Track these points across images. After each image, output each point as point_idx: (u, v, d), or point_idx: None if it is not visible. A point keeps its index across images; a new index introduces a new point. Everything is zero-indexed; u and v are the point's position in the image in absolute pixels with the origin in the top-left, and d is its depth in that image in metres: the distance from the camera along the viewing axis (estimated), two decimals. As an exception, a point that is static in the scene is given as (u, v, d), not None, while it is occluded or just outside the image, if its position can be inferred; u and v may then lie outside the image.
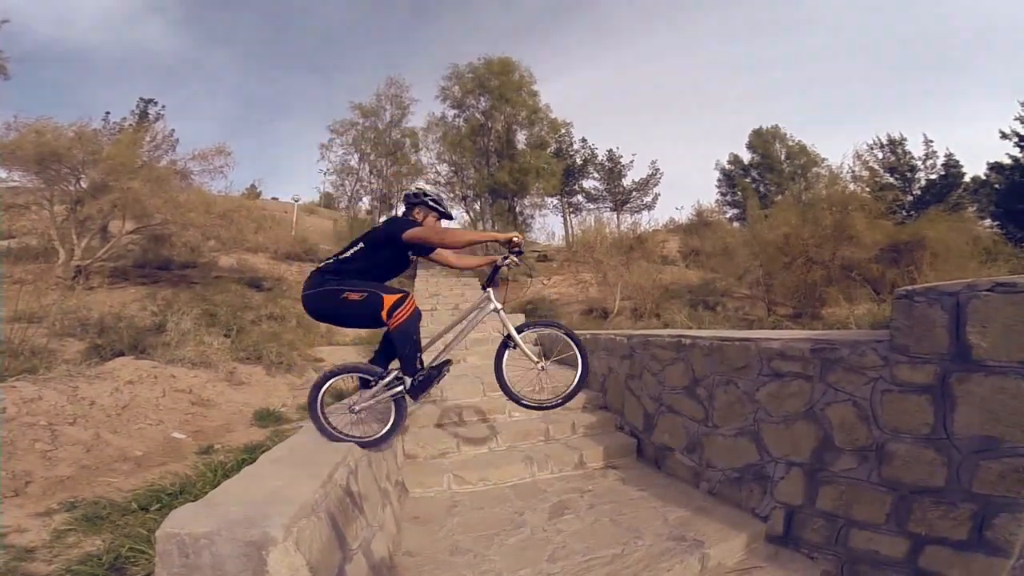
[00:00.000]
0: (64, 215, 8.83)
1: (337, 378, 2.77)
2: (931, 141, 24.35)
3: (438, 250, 3.02)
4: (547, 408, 2.97)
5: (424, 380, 2.70)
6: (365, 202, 13.85)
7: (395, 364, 2.82)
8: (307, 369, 6.51)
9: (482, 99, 13.72)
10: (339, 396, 3.65)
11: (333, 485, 1.77)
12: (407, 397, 2.74)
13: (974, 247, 9.80)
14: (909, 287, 2.22)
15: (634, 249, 11.48)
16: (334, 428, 2.61)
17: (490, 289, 2.92)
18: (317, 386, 2.68)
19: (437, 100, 14.06)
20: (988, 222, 22.97)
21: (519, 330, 2.87)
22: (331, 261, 2.81)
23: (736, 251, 10.86)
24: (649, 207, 23.56)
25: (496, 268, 2.95)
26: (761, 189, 27.49)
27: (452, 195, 13.99)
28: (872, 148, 24.54)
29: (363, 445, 2.60)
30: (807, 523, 2.50)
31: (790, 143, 27.76)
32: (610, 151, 23.51)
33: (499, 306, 2.88)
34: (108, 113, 14.40)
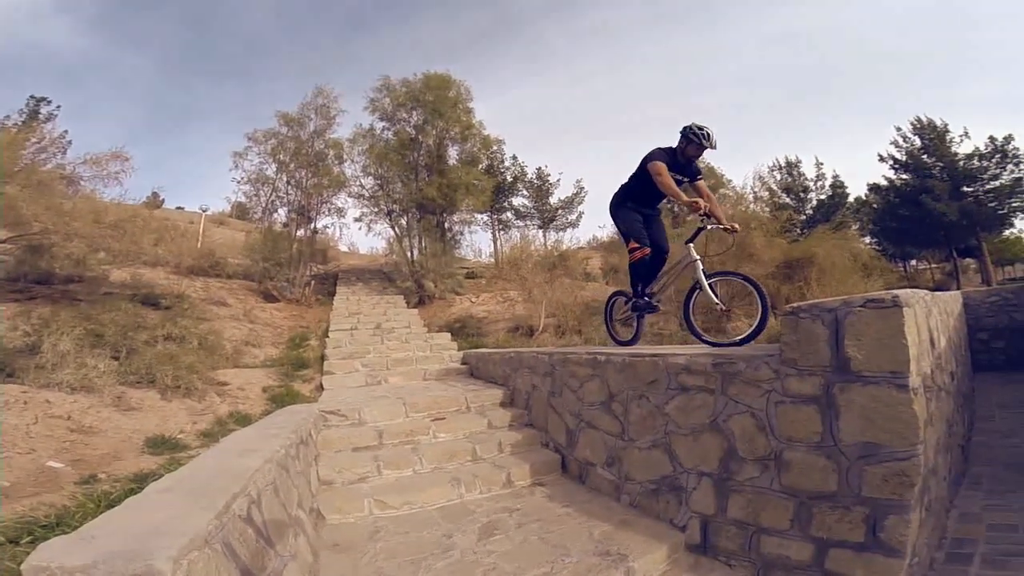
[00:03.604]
0: (-78, 222, 7.60)
1: (616, 299, 4.45)
2: (821, 163, 26.57)
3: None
4: (727, 345, 3.21)
5: (641, 303, 4.00)
6: (281, 214, 13.05)
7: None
8: (208, 393, 5.96)
9: (414, 113, 13.49)
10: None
11: (232, 516, 1.63)
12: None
13: (855, 263, 10.94)
14: (795, 304, 2.39)
15: (557, 267, 11.72)
16: (615, 334, 4.46)
17: (691, 245, 3.64)
18: (608, 303, 4.53)
19: (366, 112, 13.62)
20: (868, 239, 25.86)
21: (707, 276, 3.55)
22: (621, 188, 4.15)
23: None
24: (574, 225, 24.21)
25: (698, 230, 3.74)
26: (675, 209, 29.22)
27: (377, 209, 13.56)
28: (772, 170, 26.57)
29: (622, 344, 4.23)
30: (721, 531, 2.60)
31: (701, 164, 29.73)
32: (539, 169, 23.96)
33: (697, 258, 3.56)
34: (-12, 111, 12.47)
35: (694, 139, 3.69)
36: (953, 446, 3.62)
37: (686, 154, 3.82)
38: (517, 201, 23.54)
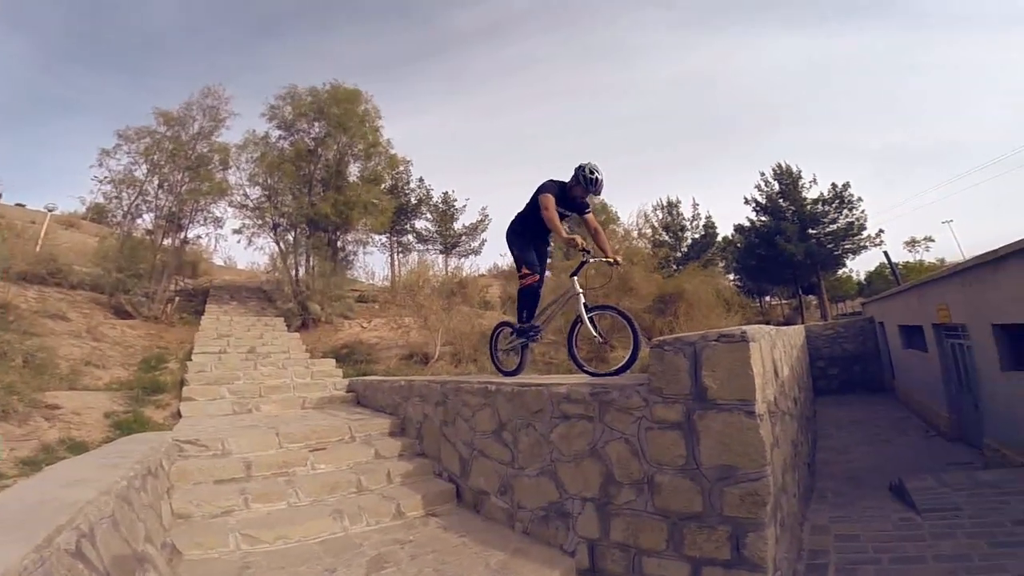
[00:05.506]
0: None
1: (501, 329, 4.43)
2: (698, 204, 29.50)
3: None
4: (605, 375, 3.34)
5: (523, 330, 4.05)
6: (147, 219, 11.54)
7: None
8: (32, 417, 5.02)
9: (316, 125, 12.74)
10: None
11: (55, 549, 1.44)
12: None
13: (718, 299, 12.25)
14: (661, 338, 2.61)
15: (456, 294, 11.66)
16: (500, 364, 4.34)
17: (575, 278, 3.77)
18: (493, 333, 4.51)
19: (263, 118, 12.60)
20: (731, 276, 29.00)
21: (588, 310, 3.62)
22: (517, 216, 4.13)
23: (545, 298, 11.82)
24: (476, 252, 24.41)
25: (581, 263, 3.83)
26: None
27: (261, 222, 12.49)
28: (655, 209, 28.95)
29: (506, 374, 4.14)
30: (607, 555, 2.69)
31: (595, 200, 31.64)
32: (446, 194, 23.73)
33: (580, 291, 3.67)
34: None
35: (582, 182, 3.74)
36: (800, 464, 4.12)
37: (573, 192, 3.85)
38: (420, 224, 23.20)
